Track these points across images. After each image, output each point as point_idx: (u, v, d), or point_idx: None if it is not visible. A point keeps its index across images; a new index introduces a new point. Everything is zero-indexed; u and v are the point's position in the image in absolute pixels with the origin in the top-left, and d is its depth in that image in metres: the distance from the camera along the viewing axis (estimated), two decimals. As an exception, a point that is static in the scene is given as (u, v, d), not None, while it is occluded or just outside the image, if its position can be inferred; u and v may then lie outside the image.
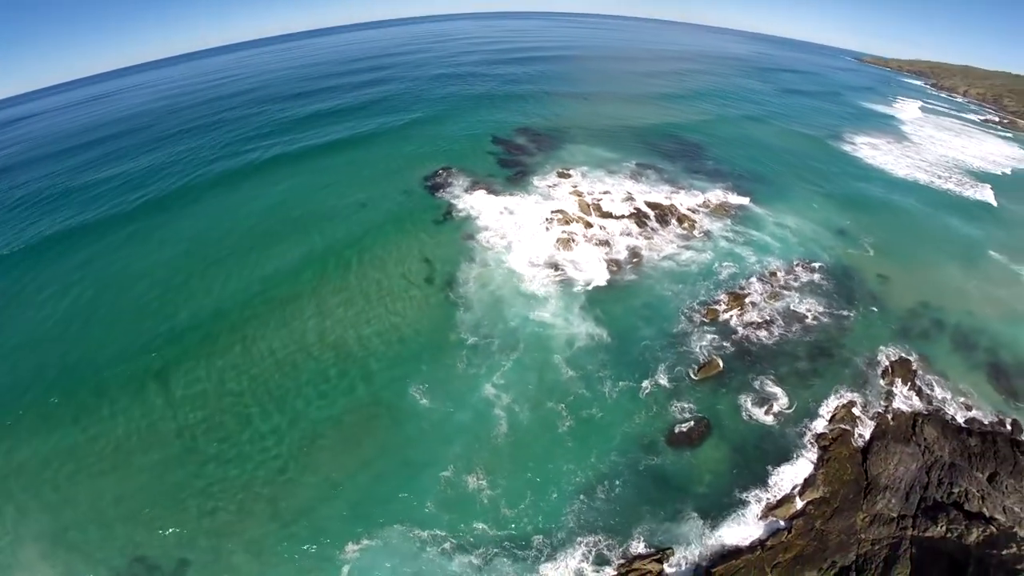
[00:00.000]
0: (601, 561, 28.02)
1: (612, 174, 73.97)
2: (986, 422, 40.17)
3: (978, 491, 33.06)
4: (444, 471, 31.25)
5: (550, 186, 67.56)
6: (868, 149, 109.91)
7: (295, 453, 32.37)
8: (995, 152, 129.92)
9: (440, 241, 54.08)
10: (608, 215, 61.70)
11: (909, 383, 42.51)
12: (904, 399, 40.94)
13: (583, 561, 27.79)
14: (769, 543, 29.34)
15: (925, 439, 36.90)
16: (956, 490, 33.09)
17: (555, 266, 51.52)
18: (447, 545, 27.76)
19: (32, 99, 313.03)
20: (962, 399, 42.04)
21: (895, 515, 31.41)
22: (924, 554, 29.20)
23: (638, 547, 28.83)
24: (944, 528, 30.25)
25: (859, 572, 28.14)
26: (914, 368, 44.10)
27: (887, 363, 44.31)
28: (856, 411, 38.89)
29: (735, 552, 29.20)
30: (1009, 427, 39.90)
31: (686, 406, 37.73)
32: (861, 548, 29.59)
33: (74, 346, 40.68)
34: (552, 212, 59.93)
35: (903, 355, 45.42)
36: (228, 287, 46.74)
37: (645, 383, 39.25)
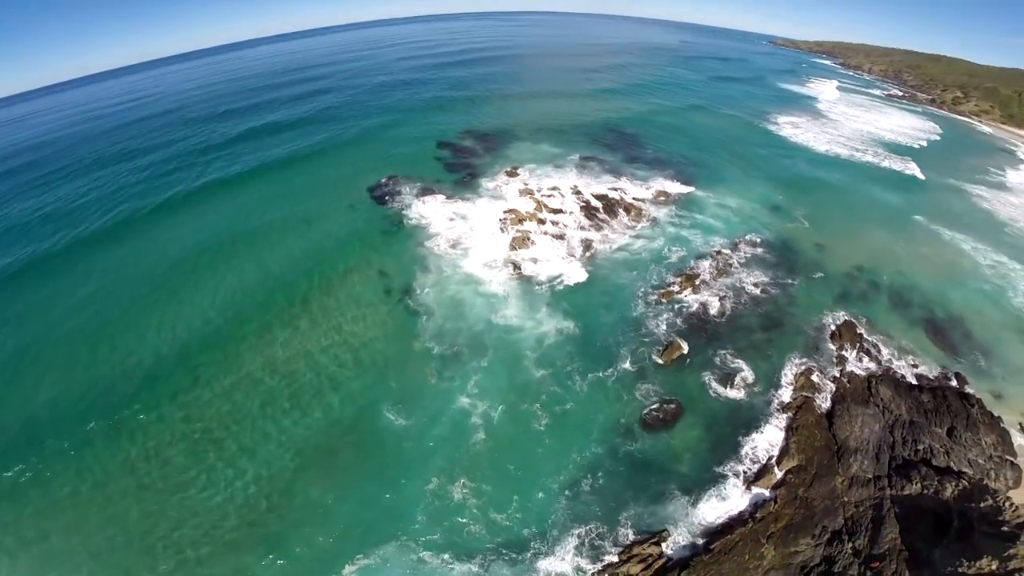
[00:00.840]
0: (596, 550, 28.35)
1: (559, 168, 74.85)
2: (932, 377, 43.19)
3: (941, 446, 35.23)
4: (428, 484, 30.81)
5: (499, 186, 67.42)
6: (791, 128, 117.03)
7: (277, 483, 31.14)
8: (904, 124, 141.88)
9: (392, 252, 52.56)
10: (559, 210, 62.28)
11: (857, 346, 45.21)
12: (856, 362, 43.50)
13: (578, 554, 28.09)
14: (759, 515, 30.22)
15: (882, 399, 39.15)
16: (921, 447, 35.10)
17: (513, 265, 51.38)
18: (446, 555, 27.59)
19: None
20: (908, 357, 45.13)
21: (871, 476, 32.95)
22: (908, 512, 30.53)
23: (628, 533, 29.28)
24: (919, 485, 31.83)
25: (850, 536, 29.17)
26: (859, 331, 46.99)
27: (834, 327, 47.05)
28: (815, 378, 40.91)
29: (728, 527, 30.00)
30: (955, 381, 42.94)
31: (656, 389, 38.57)
32: (847, 511, 30.81)
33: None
34: (504, 212, 59.80)
35: (847, 318, 48.46)
36: (175, 325, 42.57)
37: (614, 372, 39.84)
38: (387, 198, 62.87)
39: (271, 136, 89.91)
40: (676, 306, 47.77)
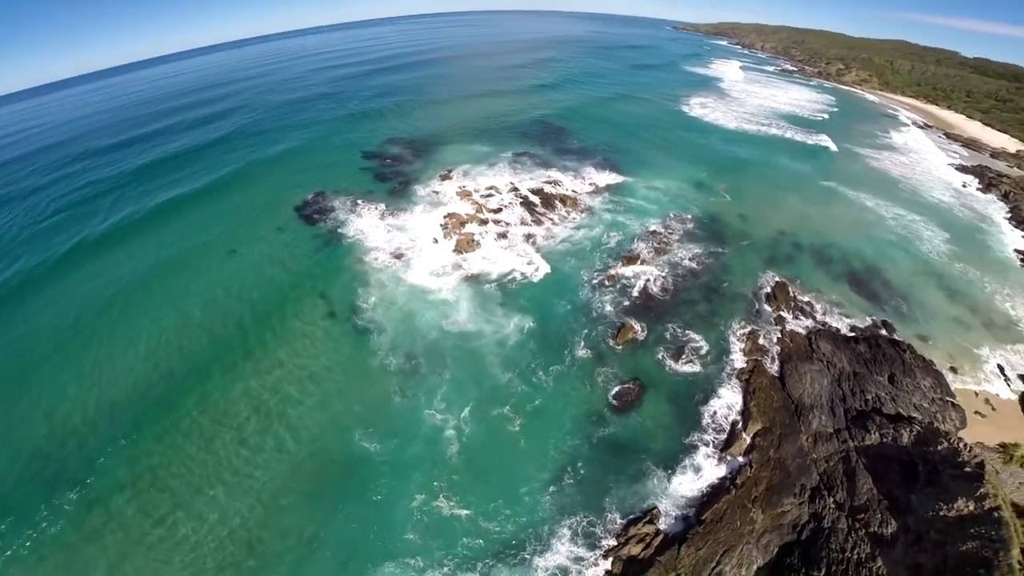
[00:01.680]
0: (590, 538, 28.82)
1: (492, 167, 74.93)
2: (864, 327, 47.03)
3: (887, 394, 37.92)
4: (413, 502, 30.11)
5: (435, 191, 66.40)
6: (702, 109, 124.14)
7: (260, 522, 29.46)
8: (800, 98, 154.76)
9: (331, 271, 50.12)
10: (500, 209, 62.37)
11: (792, 305, 48.59)
12: (794, 321, 46.65)
13: (573, 544, 28.46)
14: (739, 481, 31.57)
15: (824, 354, 42.00)
16: (869, 396, 37.66)
17: (460, 270, 50.82)
18: (446, 568, 27.28)
19: None
20: (838, 310, 49.08)
21: (831, 430, 35.05)
22: (874, 462, 32.44)
23: (617, 516, 29.94)
24: (878, 435, 33.96)
25: (829, 490, 30.93)
26: (792, 291, 50.56)
27: (768, 290, 50.35)
28: (761, 341, 43.45)
29: (713, 496, 31.16)
30: (884, 329, 46.96)
31: (616, 372, 39.59)
32: (819, 468, 32.63)
33: None
34: (444, 217, 59.02)
35: (779, 280, 51.96)
36: (116, 383, 38.17)
37: (575, 362, 40.43)
38: (317, 216, 60.02)
39: (181, 164, 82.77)
40: (622, 289, 49.31)
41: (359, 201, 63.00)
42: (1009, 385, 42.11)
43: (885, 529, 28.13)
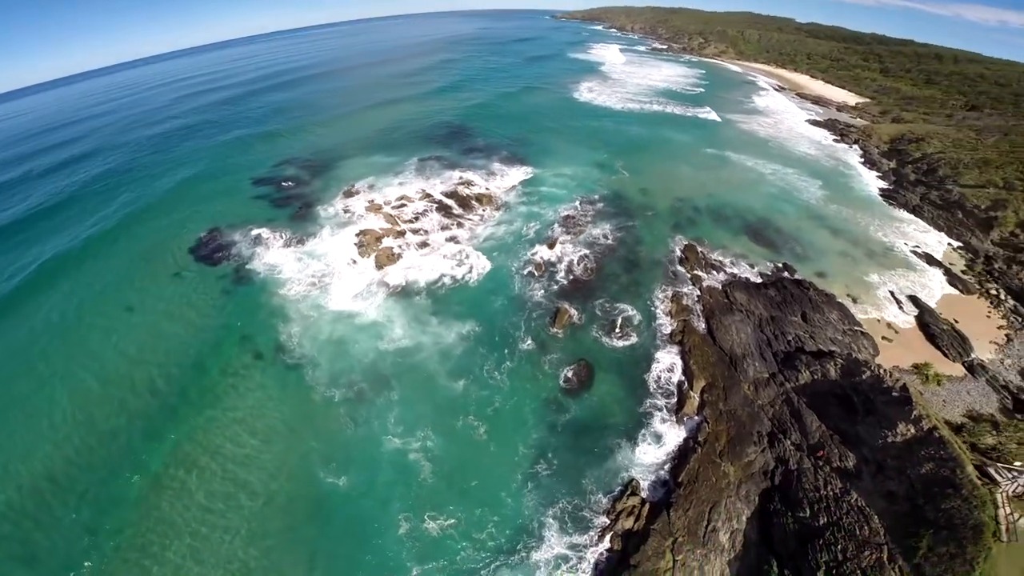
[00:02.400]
0: (579, 523, 29.35)
1: (399, 175, 73.03)
2: (769, 273, 51.74)
3: (804, 332, 41.26)
4: (400, 530, 28.95)
5: (341, 210, 63.23)
6: (590, 94, 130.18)
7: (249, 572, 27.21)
8: (673, 74, 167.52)
9: (246, 312, 45.89)
10: (416, 217, 60.97)
11: (703, 263, 52.40)
12: (708, 278, 50.17)
13: (564, 533, 28.82)
14: (700, 439, 33.18)
15: (741, 304, 45.46)
16: (789, 337, 40.82)
17: (384, 286, 49.01)
18: None
19: None
20: (744, 261, 53.72)
21: (767, 375, 37.63)
22: (814, 400, 34.86)
23: (599, 495, 30.69)
24: (808, 372, 36.72)
25: (783, 433, 33.04)
26: (700, 250, 54.60)
27: (680, 253, 54.13)
28: (684, 301, 46.38)
29: (681, 456, 32.62)
30: (786, 272, 51.87)
31: (562, 358, 40.47)
32: (767, 413, 34.87)
33: None
34: (357, 235, 56.44)
35: (687, 242, 55.99)
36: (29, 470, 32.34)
37: (521, 355, 40.76)
38: (217, 255, 54.67)
39: (46, 218, 70.38)
40: (550, 275, 50.56)
41: (260, 232, 58.24)
42: (903, 308, 47.67)
43: (846, 463, 30.27)
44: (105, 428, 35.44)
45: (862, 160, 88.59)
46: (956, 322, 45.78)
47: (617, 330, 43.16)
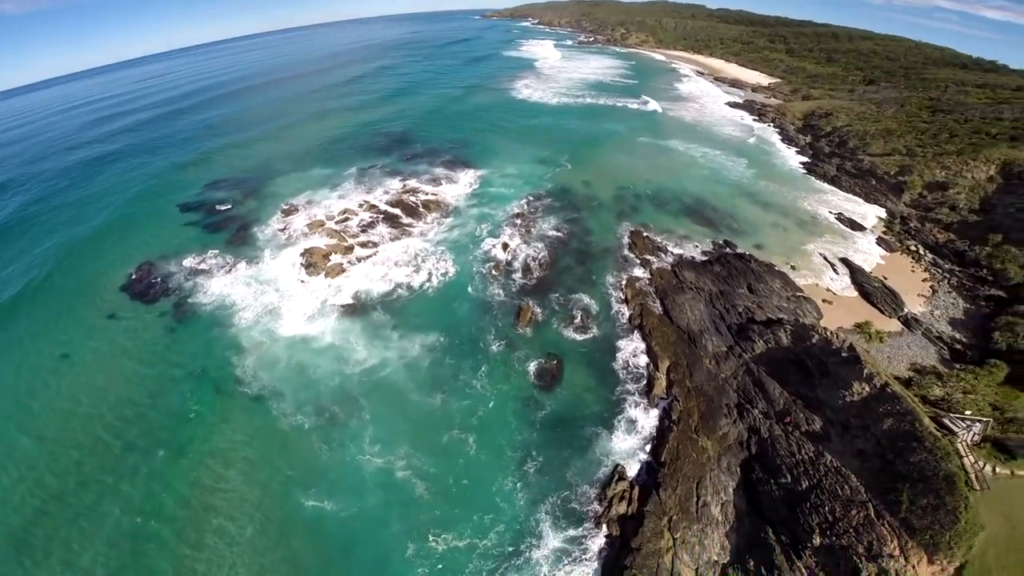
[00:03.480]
0: (571, 515, 29.87)
1: (337, 188, 70.79)
2: (712, 249, 54.28)
3: (752, 303, 43.21)
4: (407, 552, 28.33)
5: (281, 229, 60.41)
6: (527, 91, 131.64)
7: None
8: (601, 66, 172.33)
9: (195, 347, 42.99)
10: (362, 230, 59.38)
11: (650, 247, 54.39)
12: (657, 260, 52.11)
13: (558, 528, 29.22)
14: (674, 417, 34.26)
15: (691, 282, 47.38)
16: (740, 309, 42.64)
17: (337, 305, 47.55)
18: None
19: None
20: (687, 242, 56.17)
21: (725, 348, 39.19)
22: (773, 368, 36.30)
23: (585, 486, 31.28)
24: (761, 342, 38.31)
25: (750, 403, 34.47)
26: (646, 235, 56.71)
27: (627, 239, 56.05)
28: (638, 285, 47.93)
29: (660, 436, 33.63)
30: (727, 247, 54.54)
31: (530, 354, 40.92)
32: (732, 385, 36.30)
33: None
34: (302, 255, 54.21)
35: (633, 229, 58.05)
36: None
37: (494, 357, 40.85)
38: (153, 290, 50.83)
39: None
40: (507, 274, 50.95)
41: (195, 261, 54.71)
42: (836, 271, 51.59)
43: (813, 426, 31.84)
44: (55, 488, 32.43)
45: (780, 137, 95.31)
46: (885, 279, 50.28)
47: (578, 321, 44.16)
